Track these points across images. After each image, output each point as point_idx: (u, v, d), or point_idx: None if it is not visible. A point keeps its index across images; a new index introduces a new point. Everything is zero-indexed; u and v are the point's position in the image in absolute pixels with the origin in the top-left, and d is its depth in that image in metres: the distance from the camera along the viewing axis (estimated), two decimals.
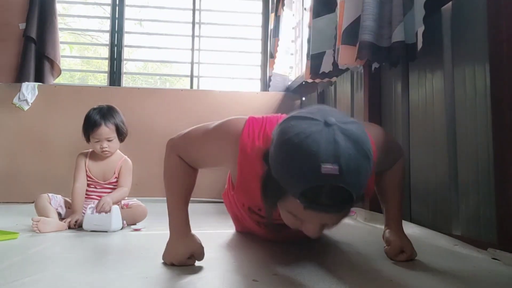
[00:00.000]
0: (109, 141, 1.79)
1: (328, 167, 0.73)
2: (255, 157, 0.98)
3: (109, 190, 1.85)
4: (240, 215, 1.40)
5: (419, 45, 1.50)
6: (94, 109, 1.83)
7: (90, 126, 1.79)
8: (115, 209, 1.59)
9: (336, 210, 0.80)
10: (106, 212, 1.60)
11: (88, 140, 1.83)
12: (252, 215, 1.26)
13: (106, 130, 1.78)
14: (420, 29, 1.47)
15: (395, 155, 1.22)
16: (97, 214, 1.61)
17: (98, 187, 1.85)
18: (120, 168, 1.85)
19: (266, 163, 0.86)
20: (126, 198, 1.87)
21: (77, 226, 1.66)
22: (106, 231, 1.57)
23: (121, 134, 1.84)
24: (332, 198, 0.77)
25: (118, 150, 1.89)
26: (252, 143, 1.02)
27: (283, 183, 0.80)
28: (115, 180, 1.85)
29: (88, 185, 1.84)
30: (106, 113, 1.81)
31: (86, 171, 1.83)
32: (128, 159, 1.90)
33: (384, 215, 1.25)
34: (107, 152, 1.80)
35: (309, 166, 0.75)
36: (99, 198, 1.83)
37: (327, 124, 0.77)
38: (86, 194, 1.83)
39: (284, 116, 0.90)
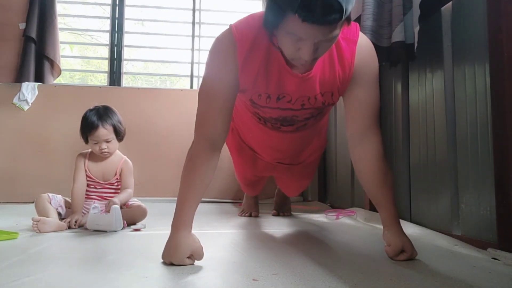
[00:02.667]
0: (107, 142, 1.79)
1: None
2: (250, 23, 1.15)
3: (109, 191, 1.85)
4: (242, 121, 1.56)
5: (415, 44, 1.50)
6: (90, 110, 1.83)
7: (87, 128, 1.78)
8: (116, 209, 1.59)
9: (329, 21, 0.92)
10: None
11: (86, 141, 1.83)
12: (254, 114, 1.38)
13: (104, 131, 1.77)
14: (416, 29, 1.47)
15: (373, 65, 1.26)
16: (98, 214, 1.61)
17: (98, 187, 1.85)
18: (121, 170, 1.86)
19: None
20: None
21: (77, 226, 1.66)
22: (106, 231, 1.57)
23: (119, 134, 1.84)
24: (325, 8, 0.90)
25: (117, 150, 1.89)
26: (243, 27, 1.15)
27: (283, 2, 0.93)
28: (115, 181, 1.85)
29: (88, 185, 1.84)
30: (103, 114, 1.80)
31: (86, 172, 1.83)
32: (128, 160, 1.90)
33: (380, 216, 1.25)
34: (106, 153, 1.80)
35: None
36: (99, 198, 1.84)
37: None
38: (86, 194, 1.83)
39: None
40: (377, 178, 1.23)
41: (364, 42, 1.22)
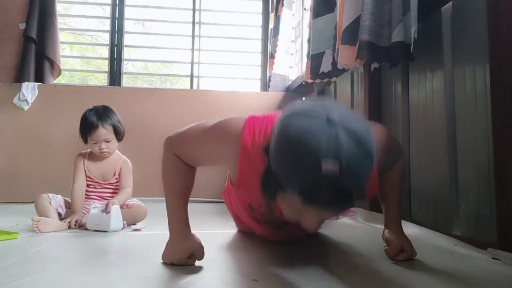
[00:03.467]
0: (107, 142, 1.79)
1: (328, 166, 0.71)
2: (256, 154, 0.96)
3: (109, 190, 1.85)
4: (240, 213, 1.39)
5: (412, 44, 1.50)
6: (90, 110, 1.82)
7: (87, 128, 1.78)
8: (115, 209, 1.58)
9: (335, 208, 0.79)
10: None
11: (86, 141, 1.83)
12: (252, 212, 1.25)
13: (104, 131, 1.77)
14: (413, 29, 1.47)
15: (396, 155, 1.22)
16: (98, 214, 1.61)
17: (98, 187, 1.85)
18: (120, 170, 1.85)
19: (266, 157, 0.84)
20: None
21: (77, 226, 1.66)
22: (106, 231, 1.57)
23: (118, 134, 1.83)
24: (331, 196, 0.74)
25: (117, 150, 1.89)
26: (253, 140, 1.02)
27: (283, 179, 0.79)
28: (115, 180, 1.85)
29: (88, 185, 1.84)
30: (103, 114, 1.80)
31: (85, 172, 1.83)
32: (127, 159, 1.90)
33: (384, 215, 1.25)
34: (106, 153, 1.80)
35: (308, 164, 0.73)
36: (99, 198, 1.83)
37: (329, 121, 0.75)
38: (86, 194, 1.83)
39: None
40: (391, 180, 1.22)
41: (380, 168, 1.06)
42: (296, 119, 0.79)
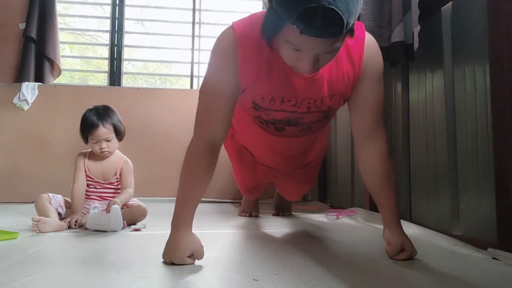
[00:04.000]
0: (107, 141, 1.79)
1: None
2: (254, 24, 1.10)
3: (109, 190, 1.85)
4: (243, 128, 1.51)
5: (416, 45, 1.50)
6: (90, 110, 1.83)
7: (87, 127, 1.79)
8: (115, 209, 1.59)
9: (328, 34, 0.88)
10: None
11: (86, 141, 1.83)
12: (256, 118, 1.33)
13: (104, 130, 1.78)
14: (416, 29, 1.47)
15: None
16: (98, 213, 1.61)
17: (98, 187, 1.85)
18: (121, 170, 1.86)
19: (269, 0, 0.94)
20: None
21: (77, 226, 1.66)
22: (106, 231, 1.57)
23: (119, 134, 1.84)
24: (325, 20, 0.85)
25: (117, 150, 1.89)
26: (245, 25, 1.13)
27: (282, 11, 0.89)
28: (115, 180, 1.85)
29: (88, 185, 1.84)
30: (103, 113, 1.80)
31: (86, 171, 1.83)
32: (128, 159, 1.90)
33: (382, 215, 1.25)
34: (106, 152, 1.81)
35: None
36: (99, 198, 1.83)
37: None
38: (86, 195, 1.83)
39: None
40: (381, 179, 1.22)
41: (370, 39, 1.19)
42: None
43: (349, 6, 0.86)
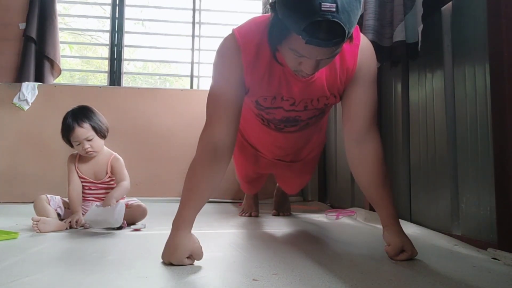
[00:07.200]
0: (89, 141, 1.77)
1: (327, 5, 0.89)
2: (255, 30, 1.16)
3: (105, 191, 1.84)
4: (248, 125, 1.58)
5: (419, 43, 1.50)
6: (67, 112, 1.82)
7: (66, 131, 1.77)
8: (121, 204, 1.59)
9: (331, 44, 0.94)
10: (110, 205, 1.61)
11: (71, 145, 1.82)
12: (258, 115, 1.42)
13: (82, 130, 1.75)
14: (420, 28, 1.47)
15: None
16: (100, 206, 1.62)
17: (93, 188, 1.84)
18: (111, 167, 1.83)
19: (273, 10, 1.02)
20: (126, 197, 1.87)
21: (78, 226, 1.66)
22: (105, 228, 1.56)
23: (99, 131, 1.80)
24: (329, 32, 0.92)
25: (105, 148, 1.87)
26: (245, 30, 1.18)
27: (288, 22, 0.95)
28: (108, 179, 1.84)
29: (83, 187, 1.83)
30: (78, 114, 1.78)
31: (78, 173, 1.82)
32: (118, 156, 1.88)
33: (379, 216, 1.25)
34: (91, 152, 1.79)
35: (311, 5, 0.89)
36: (97, 200, 1.82)
37: None
38: (83, 197, 1.82)
39: None
40: (376, 181, 1.23)
41: (365, 44, 1.24)
42: None
43: (351, 18, 0.93)
